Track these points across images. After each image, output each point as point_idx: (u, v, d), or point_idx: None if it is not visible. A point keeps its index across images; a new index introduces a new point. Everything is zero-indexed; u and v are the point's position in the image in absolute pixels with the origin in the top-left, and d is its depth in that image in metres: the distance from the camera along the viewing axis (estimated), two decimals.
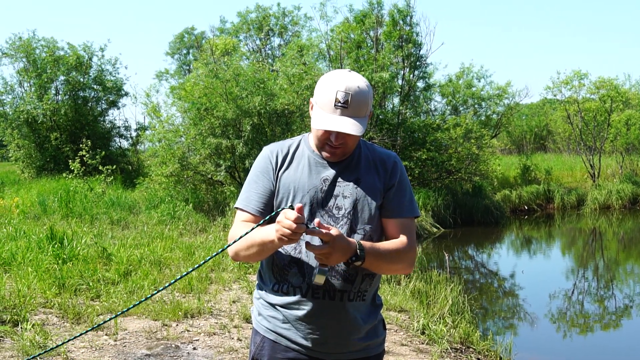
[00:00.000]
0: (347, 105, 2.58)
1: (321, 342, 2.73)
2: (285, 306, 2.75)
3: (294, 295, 2.73)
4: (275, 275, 2.79)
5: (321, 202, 2.71)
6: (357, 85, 2.60)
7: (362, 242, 2.59)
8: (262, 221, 2.60)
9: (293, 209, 2.43)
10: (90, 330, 3.34)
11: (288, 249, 2.73)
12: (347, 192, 2.73)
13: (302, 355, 2.76)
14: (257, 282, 2.95)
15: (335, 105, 2.58)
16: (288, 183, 2.75)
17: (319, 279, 2.55)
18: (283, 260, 2.75)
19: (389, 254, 2.67)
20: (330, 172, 2.75)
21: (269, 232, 2.53)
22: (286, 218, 2.40)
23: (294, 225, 2.39)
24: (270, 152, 2.83)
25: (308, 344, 2.74)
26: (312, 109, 2.72)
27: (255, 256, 2.70)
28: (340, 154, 2.73)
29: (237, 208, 2.83)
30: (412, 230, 2.79)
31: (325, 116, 2.61)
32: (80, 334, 2.93)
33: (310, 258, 2.68)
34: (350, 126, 2.57)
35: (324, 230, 2.44)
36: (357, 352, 2.80)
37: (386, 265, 2.71)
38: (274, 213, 2.59)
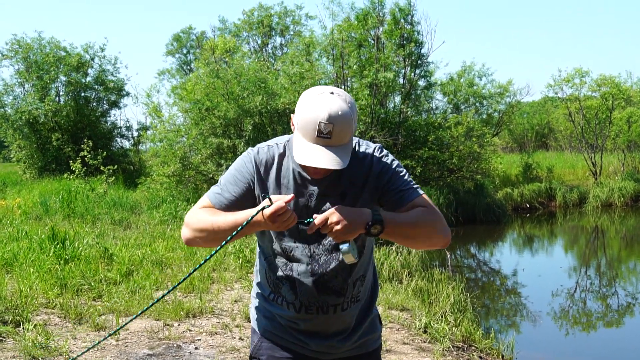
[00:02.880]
0: (331, 136, 2.43)
1: (318, 346, 2.78)
2: (280, 316, 2.79)
3: (288, 310, 2.75)
4: (270, 284, 2.80)
5: (307, 218, 2.60)
6: (339, 112, 2.43)
7: (377, 208, 2.54)
8: (239, 228, 2.51)
9: (270, 201, 2.42)
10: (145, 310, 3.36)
11: (279, 264, 2.72)
12: (333, 206, 2.60)
13: (300, 355, 2.79)
14: (254, 281, 2.95)
15: (317, 135, 2.43)
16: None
17: (348, 258, 2.50)
18: (275, 273, 2.75)
19: (410, 219, 2.55)
20: (314, 188, 2.66)
21: (242, 216, 2.51)
22: (277, 215, 2.41)
23: (287, 216, 2.41)
24: (254, 161, 2.71)
25: (304, 347, 2.78)
26: (293, 126, 2.61)
27: (218, 242, 2.63)
28: (324, 173, 2.62)
29: (207, 198, 2.74)
30: (427, 202, 2.66)
31: (306, 147, 2.46)
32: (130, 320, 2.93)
33: (301, 276, 2.70)
34: (333, 161, 2.43)
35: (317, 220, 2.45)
36: (356, 349, 2.85)
37: (413, 231, 2.57)
38: (250, 218, 2.48)
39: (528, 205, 24.53)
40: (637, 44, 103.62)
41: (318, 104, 2.45)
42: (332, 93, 2.51)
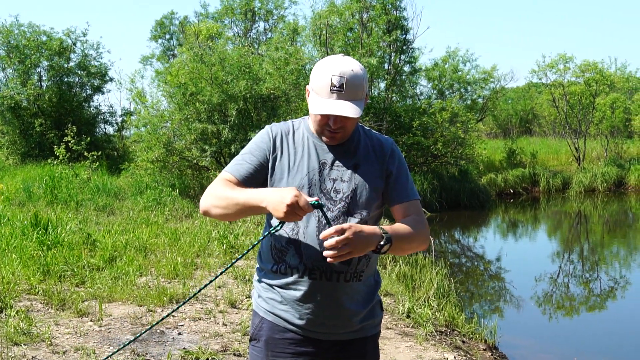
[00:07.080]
0: (343, 89, 2.62)
1: (318, 322, 2.78)
2: (283, 287, 2.79)
3: (291, 275, 2.76)
4: (273, 256, 2.82)
5: (319, 184, 2.74)
6: (351, 69, 2.64)
7: (383, 227, 2.61)
8: (273, 229, 2.63)
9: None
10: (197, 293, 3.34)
11: (286, 229, 2.76)
12: (345, 176, 2.76)
13: (298, 335, 2.80)
14: (257, 265, 2.99)
15: (331, 89, 2.62)
16: (287, 165, 2.78)
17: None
18: (281, 241, 2.78)
19: (408, 234, 2.69)
20: (329, 156, 2.79)
21: (260, 197, 2.56)
22: (301, 205, 2.45)
23: (305, 211, 2.47)
24: (271, 131, 2.85)
25: (305, 324, 2.78)
26: (308, 95, 2.75)
27: (231, 216, 2.73)
28: (339, 137, 2.76)
29: (226, 170, 2.82)
30: (419, 209, 2.83)
31: (321, 101, 2.65)
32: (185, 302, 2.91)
33: (307, 238, 2.72)
34: (347, 109, 2.61)
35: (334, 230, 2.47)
36: (354, 333, 2.84)
37: (408, 245, 2.74)
38: (275, 229, 2.60)
39: (512, 191, 24.67)
40: (620, 30, 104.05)
41: (330, 63, 2.69)
42: (343, 56, 2.73)
